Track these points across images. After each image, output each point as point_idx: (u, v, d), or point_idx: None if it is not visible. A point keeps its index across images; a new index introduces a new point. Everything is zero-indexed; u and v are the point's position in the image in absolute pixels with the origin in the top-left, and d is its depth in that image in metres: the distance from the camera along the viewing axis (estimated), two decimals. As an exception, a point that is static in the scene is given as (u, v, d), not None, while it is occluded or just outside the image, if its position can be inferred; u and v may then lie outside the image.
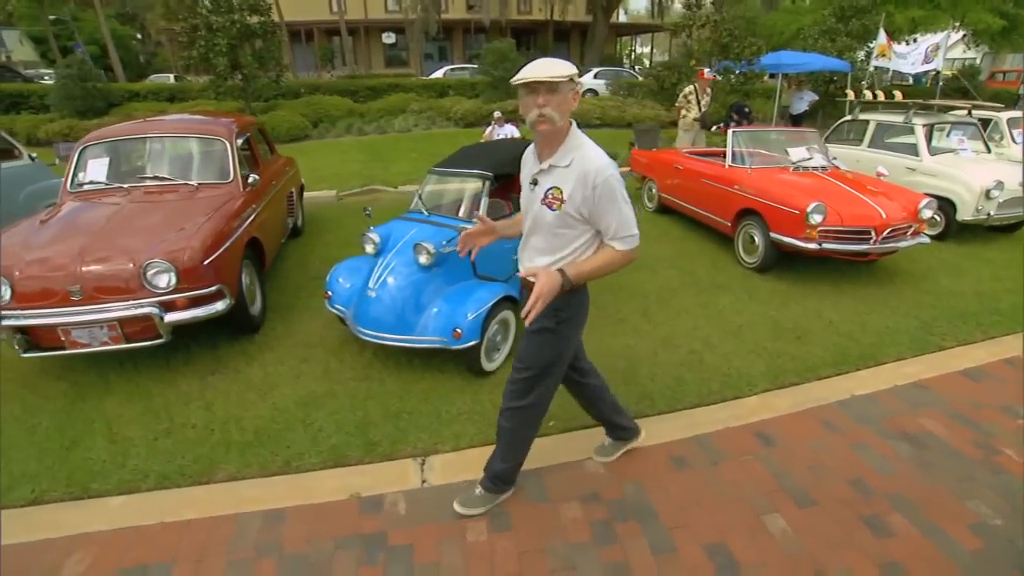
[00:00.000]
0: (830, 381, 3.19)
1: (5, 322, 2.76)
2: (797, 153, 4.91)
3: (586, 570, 1.97)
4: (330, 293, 3.38)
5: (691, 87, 7.95)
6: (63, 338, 2.87)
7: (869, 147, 6.24)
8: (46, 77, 20.65)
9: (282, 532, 2.13)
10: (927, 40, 11.70)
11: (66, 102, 12.02)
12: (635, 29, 27.69)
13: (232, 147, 4.00)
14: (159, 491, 2.37)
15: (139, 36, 39.79)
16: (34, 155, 5.55)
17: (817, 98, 12.84)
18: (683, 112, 7.99)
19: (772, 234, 4.39)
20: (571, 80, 1.66)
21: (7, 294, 2.83)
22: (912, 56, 11.53)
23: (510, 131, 8.97)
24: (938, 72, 14.09)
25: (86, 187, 3.73)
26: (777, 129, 5.86)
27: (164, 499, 2.32)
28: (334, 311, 3.36)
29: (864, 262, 4.66)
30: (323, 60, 27.50)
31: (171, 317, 2.97)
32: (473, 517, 2.16)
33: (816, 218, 4.05)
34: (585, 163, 1.70)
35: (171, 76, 23.56)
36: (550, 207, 1.76)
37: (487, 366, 3.10)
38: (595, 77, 18.08)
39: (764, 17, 18.73)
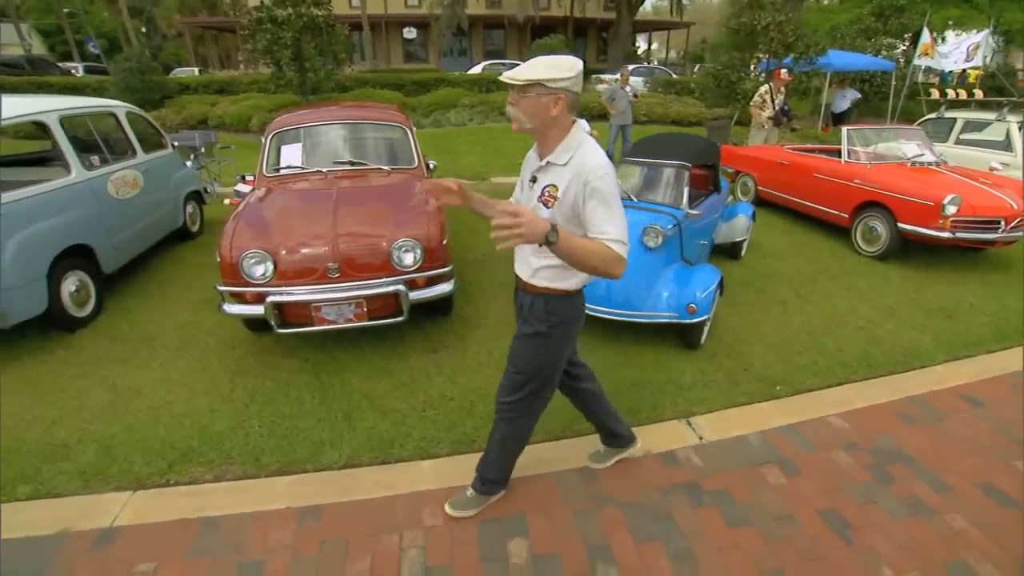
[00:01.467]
0: (1003, 354, 3.55)
1: (269, 299, 3.00)
2: (910, 149, 5.26)
3: (885, 503, 2.31)
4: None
5: (767, 87, 8.27)
6: (313, 315, 3.09)
7: (956, 144, 6.61)
8: (72, 70, 20.60)
9: (606, 483, 2.42)
10: (968, 39, 12.09)
11: (125, 94, 12.12)
12: (654, 26, 27.99)
13: (412, 133, 4.27)
14: (460, 455, 2.59)
15: (144, 30, 39.49)
16: (175, 144, 5.81)
17: (859, 96, 13.23)
18: (758, 111, 8.30)
19: (901, 224, 4.75)
20: (539, 84, 1.59)
21: (271, 271, 3.06)
22: (954, 55, 11.93)
23: (582, 125, 9.25)
24: (964, 71, 14.54)
25: (283, 171, 3.95)
26: (886, 127, 6.20)
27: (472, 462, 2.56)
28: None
29: (980, 249, 5.03)
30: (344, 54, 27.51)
31: (413, 295, 3.23)
32: (465, 519, 2.18)
33: (951, 209, 4.41)
34: (582, 161, 1.67)
35: (195, 70, 23.50)
36: (545, 204, 1.74)
37: (702, 340, 3.43)
38: (630, 73, 18.36)
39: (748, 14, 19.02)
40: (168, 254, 5.19)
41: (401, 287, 3.12)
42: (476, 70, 18.23)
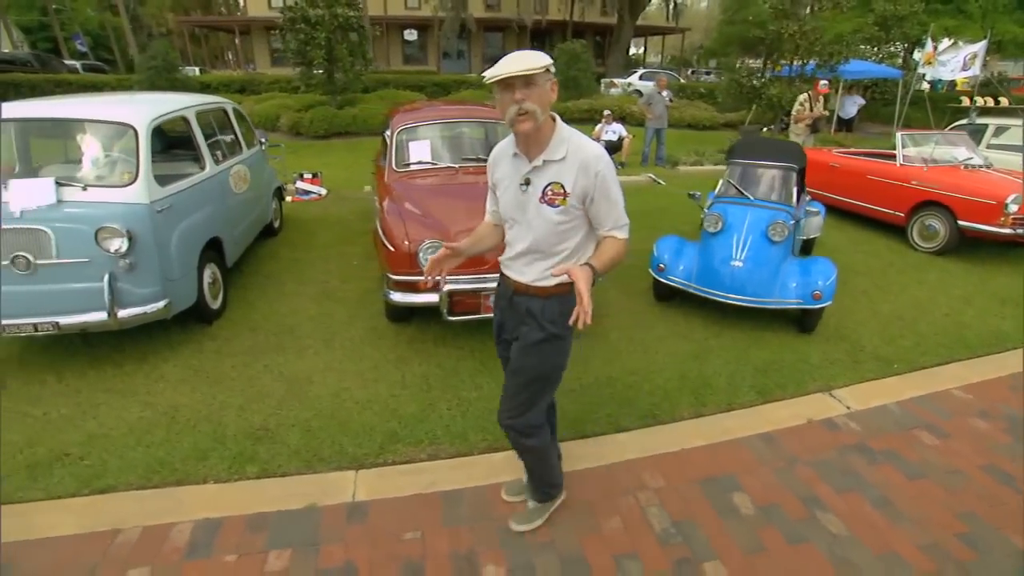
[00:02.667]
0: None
1: (446, 287, 3.21)
2: (960, 152, 5.70)
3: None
4: (663, 266, 3.97)
5: (806, 95, 8.71)
6: (481, 303, 3.31)
7: (987, 148, 7.11)
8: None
9: (787, 447, 2.70)
10: (966, 49, 12.79)
11: (150, 92, 12.07)
12: (652, 31, 28.63)
13: None
14: (648, 428, 2.87)
15: (129, 27, 38.70)
16: (263, 140, 5.96)
17: (864, 102, 13.87)
18: (796, 118, 8.72)
19: (961, 222, 5.16)
20: (547, 71, 1.57)
21: None
22: (952, 64, 12.61)
23: (618, 129, 9.61)
24: (953, 80, 15.33)
25: (413, 166, 4.15)
26: (934, 132, 6.65)
27: (673, 431, 2.85)
28: (670, 281, 3.95)
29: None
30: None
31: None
32: (533, 530, 2.16)
33: (1013, 207, 4.84)
34: (582, 152, 1.65)
35: (196, 70, 23.25)
36: (552, 204, 1.68)
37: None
38: (640, 78, 18.86)
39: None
40: (260, 250, 5.32)
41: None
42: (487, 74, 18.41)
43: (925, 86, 14.07)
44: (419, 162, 4.14)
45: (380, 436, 2.75)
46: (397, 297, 3.31)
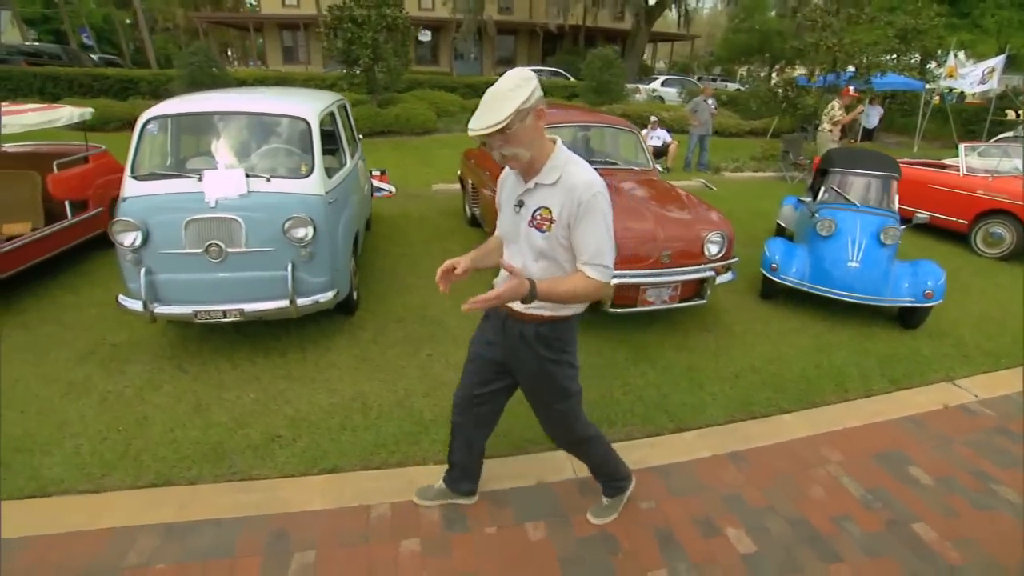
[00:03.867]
0: None
1: (614, 281, 3.48)
2: (1019, 163, 6.08)
3: None
4: (776, 266, 4.26)
5: (836, 102, 9.07)
6: (639, 297, 3.60)
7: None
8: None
9: (934, 428, 3.00)
10: (984, 63, 13.32)
11: (192, 87, 12.15)
12: (662, 37, 29.09)
13: (640, 136, 4.82)
14: (806, 411, 3.14)
15: (129, 22, 38.45)
16: (360, 137, 6.15)
17: (882, 112, 14.35)
18: (827, 125, 9.07)
19: (1032, 230, 5.54)
20: (518, 112, 1.50)
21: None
22: (970, 77, 13.14)
23: (663, 135, 9.93)
24: (962, 92, 15.89)
25: None
26: (991, 144, 7.02)
27: (830, 412, 3.14)
28: (784, 281, 4.24)
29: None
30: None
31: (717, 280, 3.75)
32: (611, 521, 2.26)
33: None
34: (572, 178, 1.62)
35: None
36: (539, 229, 1.67)
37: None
38: (663, 85, 19.24)
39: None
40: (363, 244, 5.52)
41: (711, 273, 3.65)
42: None
43: (935, 98, 14.59)
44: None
45: (592, 417, 2.96)
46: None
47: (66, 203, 4.65)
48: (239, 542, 2.10)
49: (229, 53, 39.97)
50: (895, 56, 14.59)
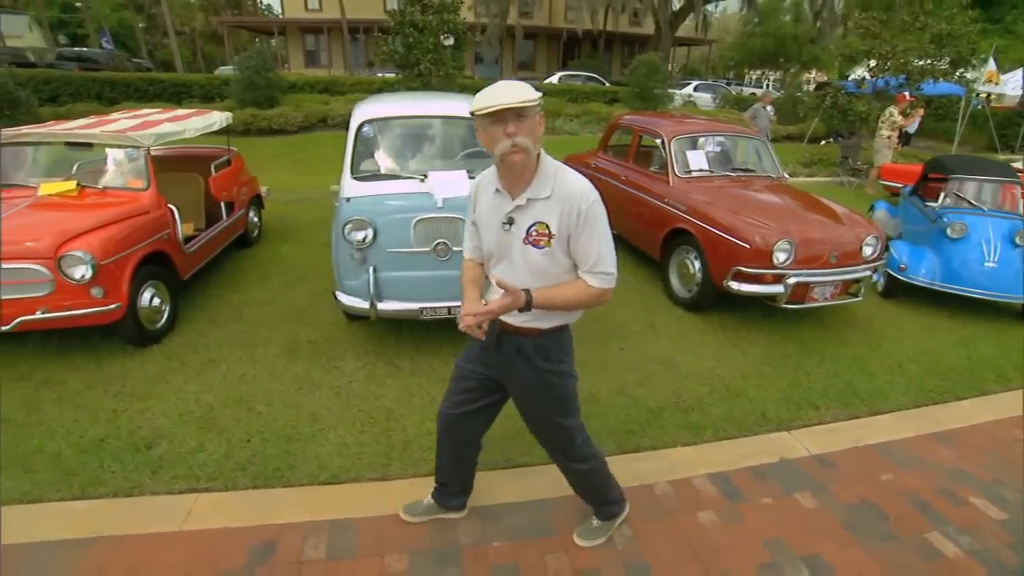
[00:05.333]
0: None
1: (792, 279, 3.72)
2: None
3: None
4: (904, 267, 4.53)
5: (894, 108, 9.37)
6: (806, 294, 3.82)
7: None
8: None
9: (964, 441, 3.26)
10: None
11: (248, 91, 12.39)
12: (681, 42, 29.48)
13: (770, 145, 5.11)
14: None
15: (142, 26, 38.68)
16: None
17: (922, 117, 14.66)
18: (886, 131, 9.35)
19: None
20: (537, 103, 1.51)
21: (792, 257, 3.70)
22: (1011, 82, 13.50)
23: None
24: (988, 98, 16.26)
25: (695, 174, 4.65)
26: None
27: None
28: (913, 280, 4.50)
29: None
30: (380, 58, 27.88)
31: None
32: (598, 546, 2.14)
33: None
34: (567, 187, 1.57)
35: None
36: (536, 245, 1.60)
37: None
38: (695, 90, 19.58)
39: (843, 41, 20.52)
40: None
41: (869, 272, 3.91)
42: (552, 80, 19.01)
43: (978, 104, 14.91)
44: (700, 170, 4.64)
45: (784, 405, 3.21)
46: (737, 286, 3.79)
47: (222, 204, 4.88)
48: (557, 521, 2.30)
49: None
50: (929, 61, 14.95)
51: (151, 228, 3.62)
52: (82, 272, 3.09)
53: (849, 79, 13.24)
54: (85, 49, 21.20)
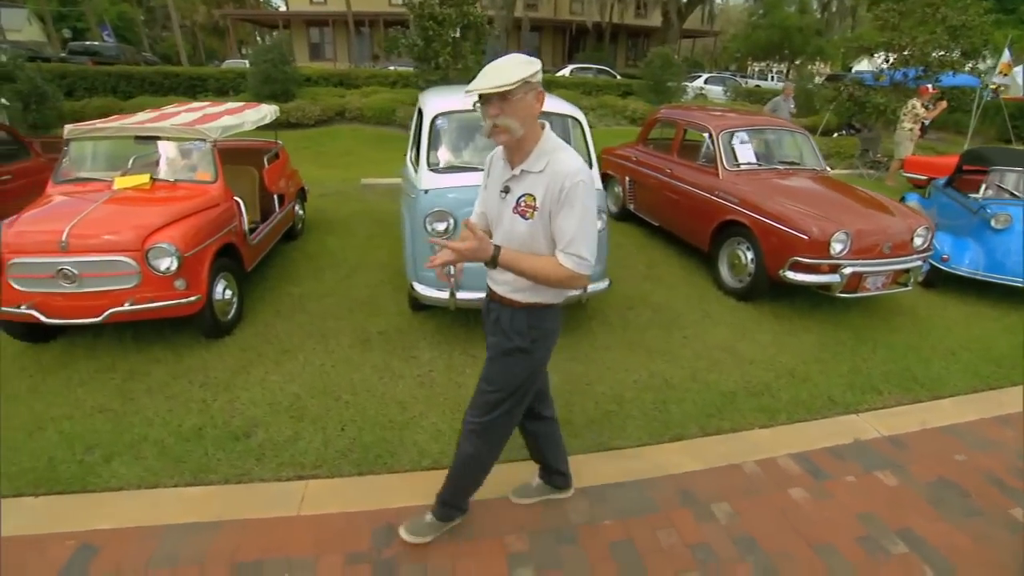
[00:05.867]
0: None
1: (848, 269, 3.81)
2: None
3: None
4: (947, 257, 4.62)
5: (916, 100, 9.43)
6: (860, 283, 3.90)
7: None
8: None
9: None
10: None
11: (265, 84, 12.38)
12: (687, 34, 29.43)
13: (811, 138, 5.19)
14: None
15: (142, 18, 38.40)
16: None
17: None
18: (909, 124, 9.42)
19: None
20: (525, 83, 1.51)
21: (848, 248, 3.78)
22: (1020, 75, 13.54)
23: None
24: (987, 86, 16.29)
25: (743, 167, 4.72)
26: None
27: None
28: (956, 271, 4.60)
29: None
30: (388, 51, 27.79)
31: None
32: (421, 545, 2.09)
33: None
34: (559, 166, 1.58)
35: (247, 63, 23.22)
36: (523, 216, 1.64)
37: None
38: (705, 83, 19.59)
39: (854, 33, 20.53)
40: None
41: (919, 262, 4.01)
42: (564, 73, 19.00)
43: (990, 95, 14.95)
44: (748, 163, 4.72)
45: (848, 389, 3.31)
46: (794, 275, 3.88)
47: (274, 197, 4.94)
48: (658, 499, 2.41)
49: (243, 51, 39.94)
50: (943, 53, 14.99)
51: (222, 220, 3.69)
52: (168, 264, 3.16)
53: (852, 71, 13.26)
54: (96, 43, 21.08)
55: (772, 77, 29.35)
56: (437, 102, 3.69)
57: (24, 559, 2.06)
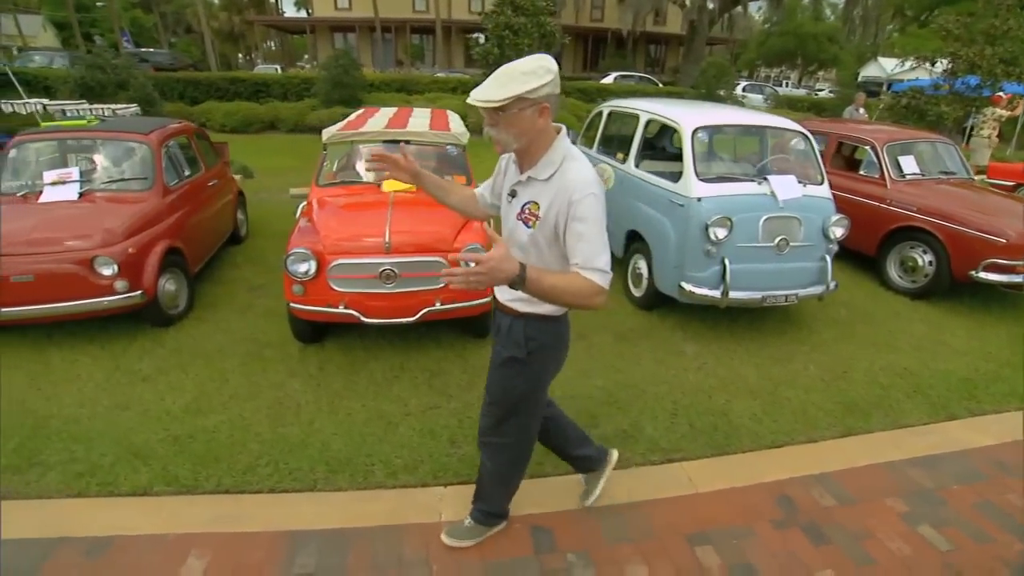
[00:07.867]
0: None
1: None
2: None
3: None
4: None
5: (993, 108, 9.95)
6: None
7: None
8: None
9: None
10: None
11: (335, 89, 12.70)
12: (708, 41, 30.07)
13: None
14: None
15: (155, 24, 38.41)
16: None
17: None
18: (987, 131, 9.92)
19: None
20: (520, 99, 1.42)
21: None
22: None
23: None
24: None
25: (908, 177, 5.10)
26: None
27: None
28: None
29: None
30: (413, 57, 28.20)
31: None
32: (462, 549, 2.07)
33: None
34: (567, 176, 1.52)
35: (277, 68, 23.48)
36: (525, 223, 1.60)
37: None
38: (743, 91, 20.23)
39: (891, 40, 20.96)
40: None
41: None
42: (608, 80, 19.45)
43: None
44: (912, 173, 5.13)
45: (917, 404, 3.32)
46: (990, 277, 4.30)
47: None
48: (981, 469, 2.77)
49: (252, 56, 40.04)
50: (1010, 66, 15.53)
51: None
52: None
53: (859, 78, 13.62)
54: (151, 49, 21.15)
55: (788, 84, 30.03)
56: (693, 118, 3.95)
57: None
